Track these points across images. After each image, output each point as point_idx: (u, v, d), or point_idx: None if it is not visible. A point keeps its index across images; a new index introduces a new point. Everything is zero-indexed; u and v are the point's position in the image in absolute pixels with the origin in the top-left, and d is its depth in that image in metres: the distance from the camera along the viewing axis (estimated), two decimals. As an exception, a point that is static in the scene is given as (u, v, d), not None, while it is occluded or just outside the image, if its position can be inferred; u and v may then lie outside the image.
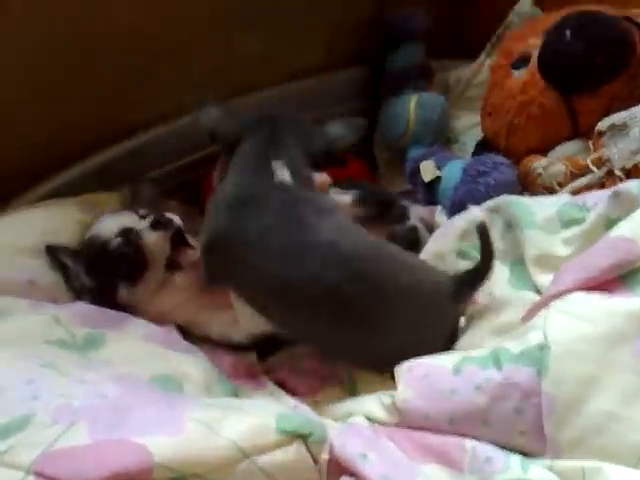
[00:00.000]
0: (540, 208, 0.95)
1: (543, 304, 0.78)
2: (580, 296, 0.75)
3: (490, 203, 1.02)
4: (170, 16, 1.17)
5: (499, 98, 1.21)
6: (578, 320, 0.72)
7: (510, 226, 0.98)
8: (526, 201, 0.99)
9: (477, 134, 1.34)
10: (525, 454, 0.71)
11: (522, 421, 0.71)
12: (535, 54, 1.16)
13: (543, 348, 0.71)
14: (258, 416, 0.67)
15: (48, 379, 0.70)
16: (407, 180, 1.29)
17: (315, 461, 0.68)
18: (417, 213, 1.19)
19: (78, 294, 0.95)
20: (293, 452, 0.66)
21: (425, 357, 0.80)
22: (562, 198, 0.97)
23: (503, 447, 0.72)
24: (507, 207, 0.98)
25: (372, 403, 0.80)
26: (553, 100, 1.13)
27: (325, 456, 0.69)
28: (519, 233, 0.94)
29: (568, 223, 0.92)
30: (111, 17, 1.11)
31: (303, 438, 0.67)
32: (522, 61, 1.18)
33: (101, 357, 0.82)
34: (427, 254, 1.02)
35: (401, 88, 1.37)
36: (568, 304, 0.75)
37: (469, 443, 0.72)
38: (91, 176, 1.16)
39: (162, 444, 0.60)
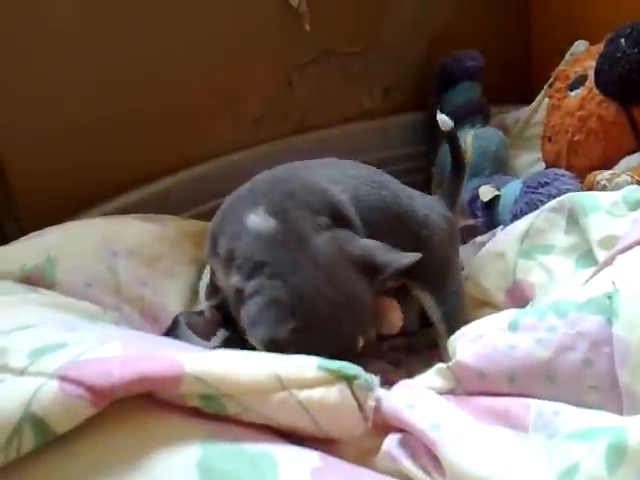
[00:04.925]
0: (605, 196, 0.91)
1: (609, 262, 0.73)
2: (647, 245, 0.70)
3: (553, 203, 0.99)
4: (232, 54, 1.25)
5: (558, 118, 1.19)
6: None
7: (574, 221, 0.93)
8: (590, 193, 0.95)
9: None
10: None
11: (592, 374, 0.63)
12: (591, 73, 1.16)
13: (611, 296, 0.65)
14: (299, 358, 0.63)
15: (84, 323, 0.69)
16: (466, 207, 1.25)
17: (360, 407, 0.62)
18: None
19: None
20: (336, 393, 0.60)
21: (479, 320, 0.74)
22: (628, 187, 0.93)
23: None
24: (570, 200, 0.94)
25: (427, 374, 0.73)
26: (612, 111, 1.11)
27: (372, 403, 0.63)
28: (584, 220, 0.89)
29: (635, 205, 0.87)
30: (176, 54, 1.21)
31: (348, 380, 0.62)
32: (579, 82, 1.18)
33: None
34: (489, 254, 0.98)
35: (458, 125, 1.37)
36: (635, 253, 0.69)
37: (533, 401, 0.64)
38: (151, 201, 1.19)
39: (195, 358, 0.57)
